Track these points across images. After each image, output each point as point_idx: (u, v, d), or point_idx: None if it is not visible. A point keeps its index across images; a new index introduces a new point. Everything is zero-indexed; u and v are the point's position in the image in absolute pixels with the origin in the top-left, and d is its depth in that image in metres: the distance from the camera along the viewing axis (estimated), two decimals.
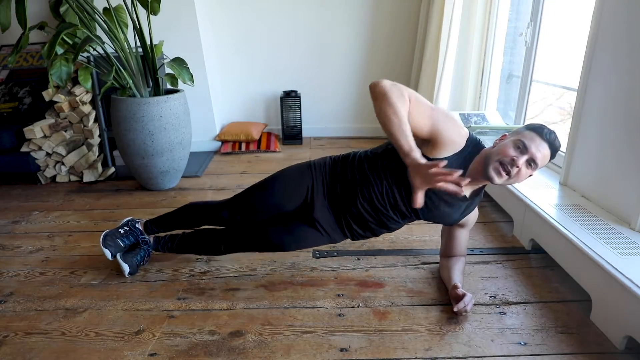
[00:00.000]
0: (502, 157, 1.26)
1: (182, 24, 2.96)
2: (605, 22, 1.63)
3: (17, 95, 2.76)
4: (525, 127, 1.34)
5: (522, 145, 1.26)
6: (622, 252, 1.36)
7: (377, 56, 3.45)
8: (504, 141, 1.32)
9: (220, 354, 1.26)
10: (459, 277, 1.51)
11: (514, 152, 1.26)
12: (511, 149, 1.26)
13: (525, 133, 1.30)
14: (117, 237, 1.64)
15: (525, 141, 1.26)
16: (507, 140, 1.32)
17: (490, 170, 1.26)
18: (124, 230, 1.66)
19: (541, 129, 1.30)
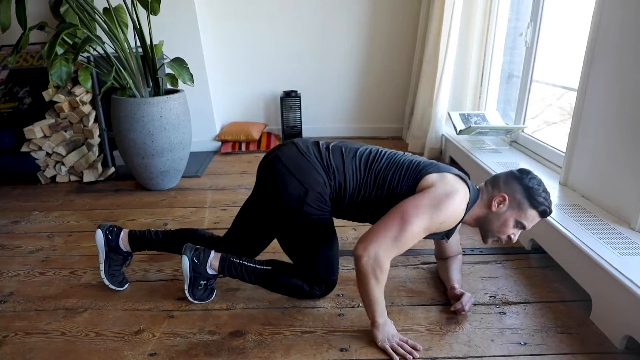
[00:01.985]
0: (503, 235, 1.33)
1: (182, 24, 2.96)
2: (605, 22, 1.63)
3: (17, 95, 2.76)
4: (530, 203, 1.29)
5: (522, 225, 1.31)
6: (622, 252, 1.36)
7: (377, 56, 3.45)
8: (504, 213, 1.31)
9: (220, 354, 1.26)
10: (457, 276, 1.52)
11: (513, 230, 1.32)
12: (511, 228, 1.32)
13: (529, 214, 1.29)
14: (114, 269, 1.58)
15: (527, 223, 1.31)
16: (509, 215, 1.30)
17: (488, 240, 1.37)
18: (116, 259, 1.57)
19: (546, 212, 1.30)
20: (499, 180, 1.34)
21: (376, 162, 1.38)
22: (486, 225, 1.35)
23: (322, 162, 1.37)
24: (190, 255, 1.44)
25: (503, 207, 1.31)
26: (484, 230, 1.36)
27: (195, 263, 1.44)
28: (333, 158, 1.38)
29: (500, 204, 1.31)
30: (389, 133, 3.66)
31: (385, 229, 1.20)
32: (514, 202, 1.30)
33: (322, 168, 1.36)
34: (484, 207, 1.34)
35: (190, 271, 1.43)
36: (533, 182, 1.30)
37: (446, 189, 1.25)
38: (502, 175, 1.35)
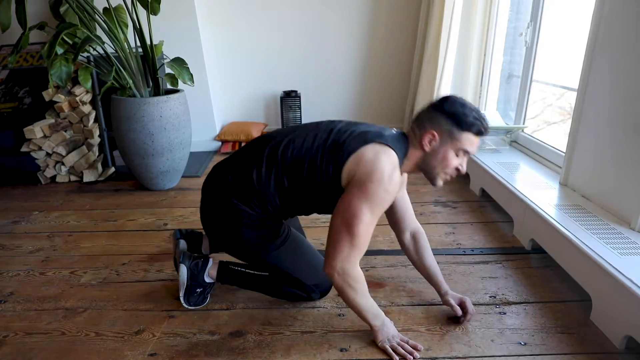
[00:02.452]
0: (449, 170, 1.25)
1: (182, 24, 2.96)
2: (605, 22, 1.63)
3: (17, 95, 2.76)
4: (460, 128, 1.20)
5: (464, 152, 1.24)
6: (622, 252, 1.36)
7: (377, 56, 3.45)
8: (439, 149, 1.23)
9: (220, 354, 1.26)
10: (438, 273, 1.45)
11: (457, 161, 1.24)
12: (454, 160, 1.24)
13: (464, 139, 1.21)
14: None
15: (468, 148, 1.23)
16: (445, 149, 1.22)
17: (437, 182, 1.28)
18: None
19: (481, 131, 1.21)
20: (423, 118, 1.25)
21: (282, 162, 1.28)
22: (427, 167, 1.26)
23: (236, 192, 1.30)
24: (189, 264, 1.44)
25: (436, 144, 1.23)
26: (428, 172, 1.27)
27: (194, 272, 1.44)
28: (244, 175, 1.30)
29: (431, 141, 1.23)
30: None
31: (337, 243, 1.18)
32: (445, 134, 1.21)
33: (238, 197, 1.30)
34: (418, 150, 1.25)
35: (187, 279, 1.43)
36: (456, 107, 1.20)
37: (369, 170, 1.17)
38: (424, 112, 1.26)
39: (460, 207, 2.23)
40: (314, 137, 1.28)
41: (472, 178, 2.45)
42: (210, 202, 1.37)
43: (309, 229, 1.99)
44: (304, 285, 1.43)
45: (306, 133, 1.31)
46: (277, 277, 1.43)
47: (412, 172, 1.32)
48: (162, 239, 1.96)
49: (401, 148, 1.24)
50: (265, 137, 1.36)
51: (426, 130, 1.23)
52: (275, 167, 1.28)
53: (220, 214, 1.34)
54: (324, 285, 1.46)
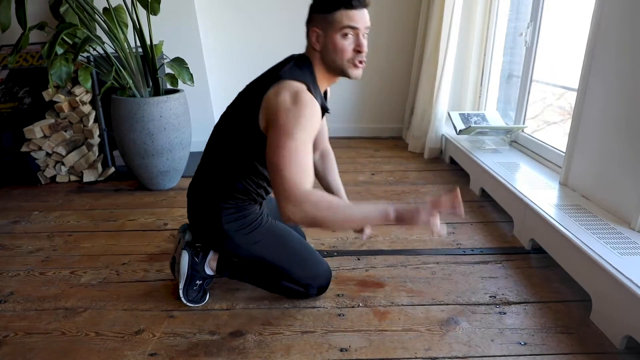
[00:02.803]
0: (348, 55, 1.23)
1: (182, 24, 2.96)
2: (605, 22, 1.63)
3: (17, 95, 2.76)
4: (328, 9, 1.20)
5: (350, 28, 1.21)
6: (622, 252, 1.36)
7: (377, 56, 3.45)
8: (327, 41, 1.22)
9: (220, 354, 1.26)
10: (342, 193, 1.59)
11: (350, 43, 1.22)
12: (346, 44, 1.22)
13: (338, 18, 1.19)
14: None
15: (349, 23, 1.20)
16: (329, 37, 1.22)
17: (351, 73, 1.26)
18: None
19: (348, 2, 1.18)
20: (307, 26, 1.29)
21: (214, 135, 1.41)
22: (331, 64, 1.26)
23: (207, 189, 1.39)
24: (191, 252, 1.45)
25: (322, 38, 1.23)
26: (335, 69, 1.27)
27: (195, 261, 1.45)
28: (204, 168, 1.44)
29: (318, 38, 1.24)
30: (389, 133, 3.66)
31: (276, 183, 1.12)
32: (321, 24, 1.22)
33: (210, 193, 1.37)
34: (316, 55, 1.27)
35: (188, 268, 1.44)
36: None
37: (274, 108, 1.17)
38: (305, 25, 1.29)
39: None
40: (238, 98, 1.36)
41: (472, 178, 2.45)
42: (191, 208, 1.45)
43: (309, 229, 1.99)
44: (297, 280, 1.43)
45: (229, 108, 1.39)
46: (273, 272, 1.44)
47: (332, 80, 1.32)
48: (162, 239, 1.96)
49: (303, 70, 1.25)
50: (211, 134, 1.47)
51: (310, 31, 1.26)
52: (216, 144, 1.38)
53: (202, 216, 1.40)
54: (319, 279, 1.46)
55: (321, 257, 1.50)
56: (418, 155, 3.13)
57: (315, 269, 1.45)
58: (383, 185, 2.56)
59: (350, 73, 1.26)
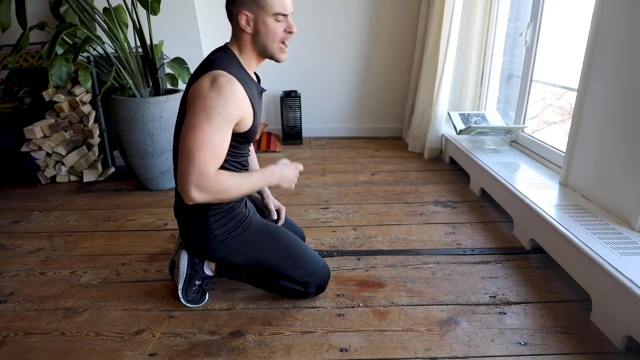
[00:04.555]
0: (279, 37, 1.29)
1: (182, 24, 2.96)
2: (605, 22, 1.63)
3: (17, 95, 2.76)
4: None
5: (281, 15, 1.26)
6: (622, 252, 1.36)
7: (377, 56, 3.45)
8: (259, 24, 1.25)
9: (220, 354, 1.26)
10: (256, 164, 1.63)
11: (281, 26, 1.28)
12: (277, 26, 1.27)
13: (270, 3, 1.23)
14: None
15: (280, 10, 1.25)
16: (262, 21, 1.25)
17: (279, 57, 1.33)
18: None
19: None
20: (230, 11, 1.28)
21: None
22: (262, 47, 1.30)
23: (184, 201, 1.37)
24: (189, 251, 1.45)
25: (252, 21, 1.25)
26: (266, 52, 1.31)
27: (194, 261, 1.45)
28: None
29: (247, 22, 1.25)
30: (389, 133, 3.66)
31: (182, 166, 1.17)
32: (252, 8, 1.24)
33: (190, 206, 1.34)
34: (245, 39, 1.28)
35: (187, 268, 1.43)
36: None
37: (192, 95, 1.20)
38: (228, 7, 1.28)
39: (460, 207, 2.23)
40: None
41: (472, 178, 2.45)
42: (182, 226, 1.43)
43: (309, 229, 1.99)
44: (293, 277, 1.43)
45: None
46: (271, 272, 1.44)
47: (260, 62, 1.36)
48: (162, 239, 1.96)
49: (229, 60, 1.26)
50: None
51: (237, 14, 1.25)
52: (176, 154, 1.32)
53: (192, 230, 1.39)
54: (316, 277, 1.45)
55: (316, 254, 1.50)
56: (418, 155, 3.13)
57: (310, 265, 1.45)
58: (383, 185, 2.56)
59: (279, 57, 1.33)
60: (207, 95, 1.17)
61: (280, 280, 1.45)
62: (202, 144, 1.16)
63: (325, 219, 2.12)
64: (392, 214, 2.16)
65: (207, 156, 1.16)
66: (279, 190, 2.47)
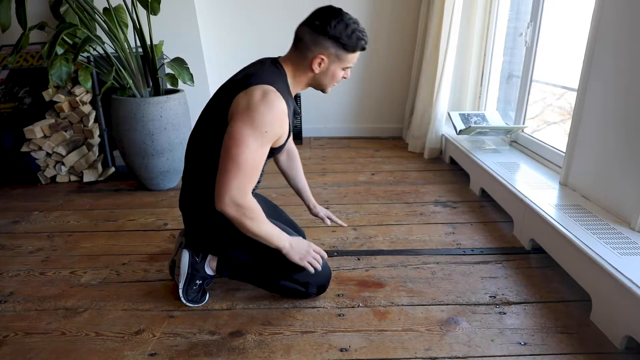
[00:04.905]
0: (337, 81, 1.37)
1: (182, 24, 2.96)
2: (605, 22, 1.63)
3: (17, 95, 2.76)
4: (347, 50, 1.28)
5: (349, 67, 1.35)
6: (622, 252, 1.36)
7: (376, 56, 3.45)
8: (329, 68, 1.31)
9: (220, 354, 1.26)
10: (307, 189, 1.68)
11: (343, 74, 1.36)
12: (341, 75, 1.35)
13: (350, 58, 1.31)
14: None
15: (352, 64, 1.34)
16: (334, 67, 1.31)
17: (326, 91, 1.41)
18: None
19: (364, 47, 1.31)
20: (306, 41, 1.28)
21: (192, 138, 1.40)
22: (318, 84, 1.37)
23: (195, 193, 1.40)
24: (191, 251, 1.45)
25: (325, 65, 1.30)
26: (318, 87, 1.39)
27: (195, 260, 1.45)
28: (189, 175, 1.42)
29: (319, 65, 1.29)
30: (389, 133, 3.66)
31: (225, 175, 1.19)
32: (332, 56, 1.28)
33: (200, 197, 1.38)
34: (307, 71, 1.32)
35: (188, 267, 1.44)
36: (340, 29, 1.24)
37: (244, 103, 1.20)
38: (305, 35, 1.28)
39: (460, 207, 2.23)
40: (210, 104, 1.37)
41: (472, 178, 2.45)
42: (188, 219, 1.45)
43: (309, 229, 1.99)
44: (296, 277, 1.43)
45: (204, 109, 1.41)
46: (273, 270, 1.44)
47: (305, 89, 1.41)
48: (162, 239, 1.96)
49: (278, 78, 1.29)
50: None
51: (315, 55, 1.28)
52: (196, 151, 1.36)
53: (200, 224, 1.41)
54: (318, 278, 1.45)
55: None
56: (418, 155, 3.13)
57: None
58: (383, 185, 2.56)
59: (327, 91, 1.42)
60: (257, 110, 1.18)
61: (281, 280, 1.45)
62: (246, 160, 1.18)
63: None
64: (392, 214, 2.16)
65: (247, 172, 1.20)
66: (277, 190, 2.47)
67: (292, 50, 1.34)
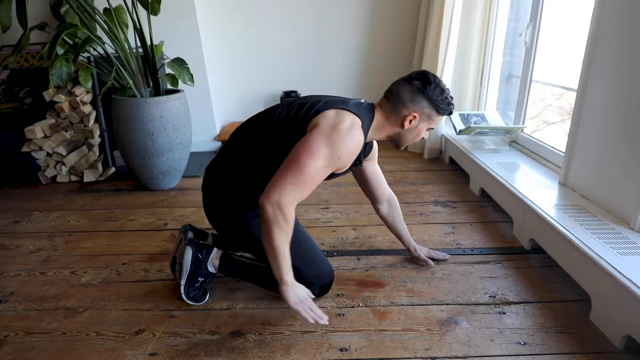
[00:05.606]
0: (416, 141, 1.43)
1: (182, 24, 2.96)
2: (605, 22, 1.63)
3: (18, 96, 2.76)
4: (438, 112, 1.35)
5: (431, 129, 1.41)
6: (622, 252, 1.36)
7: (376, 56, 3.45)
8: (416, 127, 1.36)
9: (220, 354, 1.26)
10: (408, 234, 1.70)
11: (424, 134, 1.42)
12: (423, 132, 1.40)
13: (437, 119, 1.38)
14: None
15: (436, 126, 1.41)
16: (421, 127, 1.37)
17: (401, 147, 1.45)
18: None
19: (452, 112, 1.39)
20: (403, 97, 1.34)
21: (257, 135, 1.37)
22: (401, 140, 1.41)
23: (230, 181, 1.40)
24: (194, 248, 1.45)
25: (415, 123, 1.36)
26: (399, 143, 1.43)
27: (198, 257, 1.45)
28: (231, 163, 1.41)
29: (411, 121, 1.35)
30: None
31: (283, 177, 1.20)
32: (424, 115, 1.35)
33: (234, 185, 1.39)
34: (396, 126, 1.37)
35: (190, 264, 1.44)
36: (436, 93, 1.33)
37: (329, 121, 1.24)
38: (404, 92, 1.34)
39: (460, 207, 2.23)
40: (285, 111, 1.36)
41: (472, 178, 2.45)
42: (211, 199, 1.46)
43: (310, 229, 1.99)
44: (302, 275, 1.43)
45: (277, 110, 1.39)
46: None
47: (379, 140, 1.46)
48: (162, 239, 1.96)
49: (367, 117, 1.34)
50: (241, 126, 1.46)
51: (409, 111, 1.34)
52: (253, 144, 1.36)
53: (223, 206, 1.42)
54: (322, 279, 1.46)
55: (326, 258, 1.52)
56: (418, 155, 3.13)
57: (321, 267, 1.47)
58: None
59: (401, 148, 1.46)
60: (340, 135, 1.21)
61: None
62: (309, 172, 1.20)
63: (325, 219, 2.12)
64: None
65: (304, 184, 1.20)
66: None
67: (384, 102, 1.39)
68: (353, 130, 1.24)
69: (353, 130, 1.24)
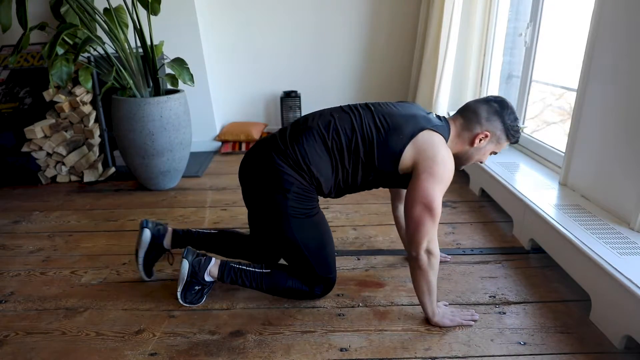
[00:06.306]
0: (480, 161, 1.44)
1: (182, 24, 2.96)
2: (605, 22, 1.63)
3: (18, 96, 2.76)
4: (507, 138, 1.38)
5: (495, 153, 1.43)
6: (622, 252, 1.36)
7: (377, 56, 3.45)
8: (485, 147, 1.39)
9: (220, 354, 1.26)
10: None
11: (488, 157, 1.44)
12: (488, 155, 1.43)
13: (504, 145, 1.41)
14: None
15: (499, 151, 1.43)
16: (489, 148, 1.40)
17: (462, 167, 1.47)
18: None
19: (517, 141, 1.42)
20: (479, 116, 1.36)
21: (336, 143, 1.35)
22: (467, 158, 1.43)
23: (289, 160, 1.34)
24: (191, 260, 1.44)
25: (484, 142, 1.38)
26: (461, 161, 1.44)
27: (195, 269, 1.44)
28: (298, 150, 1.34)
29: (482, 140, 1.37)
30: None
31: (422, 226, 1.27)
32: (494, 137, 1.37)
33: (290, 167, 1.34)
34: (466, 143, 1.39)
35: (187, 275, 1.43)
36: (512, 118, 1.36)
37: (432, 156, 1.28)
38: (482, 110, 1.36)
39: (459, 207, 2.23)
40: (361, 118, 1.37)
41: (472, 178, 2.45)
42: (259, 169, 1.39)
43: None
44: (314, 276, 1.43)
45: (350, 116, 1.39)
46: (288, 268, 1.45)
47: None
48: None
49: (447, 133, 1.38)
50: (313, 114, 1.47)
51: (482, 129, 1.36)
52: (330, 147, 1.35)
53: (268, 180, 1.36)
54: (329, 282, 1.47)
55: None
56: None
57: (331, 270, 1.47)
58: None
59: (461, 168, 1.47)
60: (442, 166, 1.28)
61: (289, 280, 1.45)
62: (438, 212, 1.28)
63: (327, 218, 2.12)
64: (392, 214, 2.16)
65: (437, 222, 1.30)
66: None
67: (458, 118, 1.41)
68: (448, 159, 1.30)
69: (448, 159, 1.30)
